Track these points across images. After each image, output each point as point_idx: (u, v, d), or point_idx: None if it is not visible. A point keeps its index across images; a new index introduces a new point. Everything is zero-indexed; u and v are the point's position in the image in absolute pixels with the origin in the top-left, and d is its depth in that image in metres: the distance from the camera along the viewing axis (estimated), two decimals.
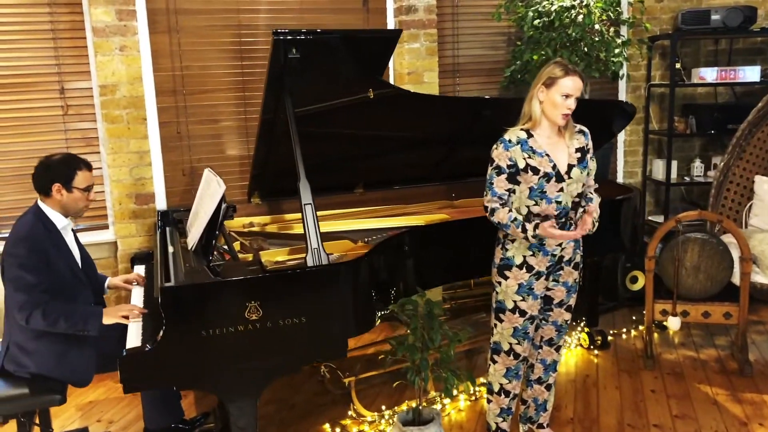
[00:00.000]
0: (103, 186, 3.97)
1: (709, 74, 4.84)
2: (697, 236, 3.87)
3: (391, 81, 4.48)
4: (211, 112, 4.15)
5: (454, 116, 3.62)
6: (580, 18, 4.17)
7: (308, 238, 2.64)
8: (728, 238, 3.99)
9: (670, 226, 3.82)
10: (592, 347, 4.16)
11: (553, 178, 2.68)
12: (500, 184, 2.70)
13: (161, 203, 4.07)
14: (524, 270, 2.78)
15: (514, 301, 2.82)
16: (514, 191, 2.72)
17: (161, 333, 2.39)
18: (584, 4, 4.17)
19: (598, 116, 3.97)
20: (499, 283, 2.84)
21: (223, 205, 2.82)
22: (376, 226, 3.62)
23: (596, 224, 2.75)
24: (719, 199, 4.53)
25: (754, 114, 4.39)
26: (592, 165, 2.84)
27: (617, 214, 3.75)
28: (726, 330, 4.31)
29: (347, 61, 3.00)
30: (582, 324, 4.26)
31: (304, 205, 2.70)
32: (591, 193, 2.86)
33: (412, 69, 4.41)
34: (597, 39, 4.27)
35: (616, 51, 4.30)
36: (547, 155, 2.69)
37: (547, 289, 2.88)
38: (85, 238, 3.88)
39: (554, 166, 2.69)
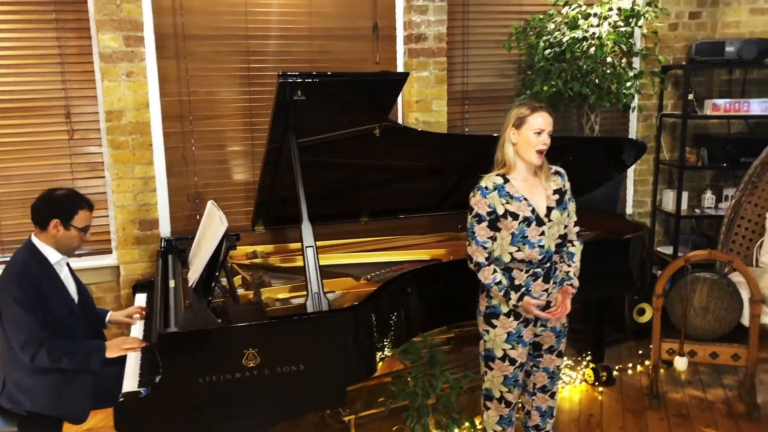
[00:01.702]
0: (107, 211, 3.95)
1: (722, 105, 4.77)
2: (706, 276, 3.81)
3: (399, 109, 4.44)
4: (218, 137, 4.12)
5: (462, 151, 3.57)
6: (591, 50, 4.11)
7: (309, 283, 2.61)
8: (738, 277, 3.92)
9: (679, 265, 3.76)
10: (597, 383, 4.11)
11: (534, 222, 2.67)
12: (482, 232, 2.68)
13: (165, 228, 4.04)
14: (512, 318, 2.75)
15: (504, 350, 2.78)
16: (495, 238, 2.69)
17: (157, 379, 2.37)
18: (596, 36, 4.12)
19: (609, 152, 3.94)
20: (487, 331, 2.81)
21: (225, 244, 2.78)
22: (379, 260, 3.59)
23: (576, 291, 2.78)
24: (729, 236, 4.46)
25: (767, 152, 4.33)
26: (572, 206, 2.83)
27: (626, 253, 3.69)
28: (734, 368, 4.24)
29: (353, 102, 2.97)
30: (587, 359, 4.21)
31: (306, 247, 2.67)
32: (572, 244, 2.83)
33: (421, 97, 4.37)
34: (609, 71, 4.21)
35: (628, 84, 4.25)
36: (525, 199, 2.68)
37: (536, 335, 2.84)
38: (87, 262, 3.90)
39: (533, 210, 2.67)
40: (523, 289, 2.69)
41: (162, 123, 3.96)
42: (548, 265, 2.72)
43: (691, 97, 4.78)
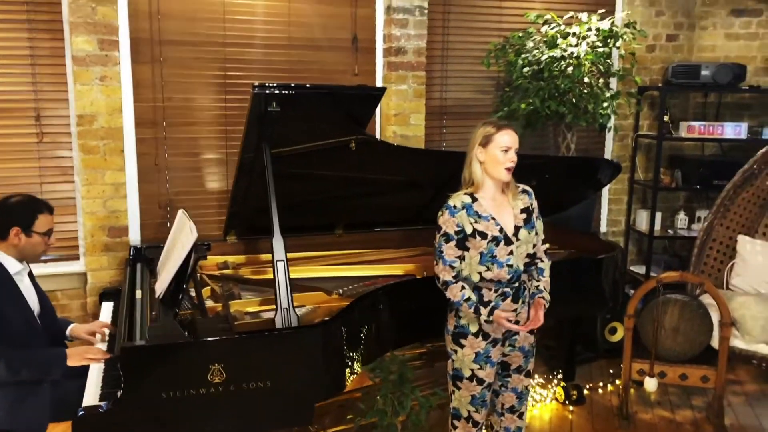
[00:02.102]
0: (75, 217, 3.86)
1: (697, 128, 4.83)
2: (677, 297, 3.82)
3: (377, 122, 4.42)
4: (192, 144, 4.05)
5: (438, 166, 3.55)
6: (569, 69, 4.13)
7: (278, 298, 2.56)
8: (708, 299, 3.95)
9: (651, 286, 3.77)
10: (567, 402, 4.10)
11: (502, 242, 2.66)
12: (450, 251, 2.67)
13: (135, 235, 3.97)
14: (480, 338, 2.74)
15: (472, 370, 2.76)
16: (463, 258, 2.67)
17: (119, 393, 2.30)
18: (574, 55, 4.14)
19: (585, 171, 3.95)
20: (455, 351, 2.79)
21: (194, 255, 2.73)
22: (352, 275, 3.55)
23: (548, 305, 2.77)
24: (701, 258, 4.50)
25: (740, 175, 4.37)
26: (539, 224, 2.83)
27: (599, 273, 3.69)
28: (703, 389, 4.26)
29: (330, 115, 2.94)
30: (558, 377, 4.20)
31: (276, 261, 2.63)
32: (541, 260, 2.83)
33: (399, 110, 4.35)
34: (586, 91, 4.23)
35: (605, 104, 4.27)
36: (493, 219, 2.68)
37: (504, 355, 2.83)
38: (53, 269, 3.82)
39: (501, 229, 2.67)
40: (493, 304, 2.67)
41: (135, 129, 3.89)
42: (517, 284, 2.71)
43: (666, 118, 4.83)
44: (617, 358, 4.48)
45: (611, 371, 4.53)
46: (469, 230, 2.66)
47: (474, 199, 2.69)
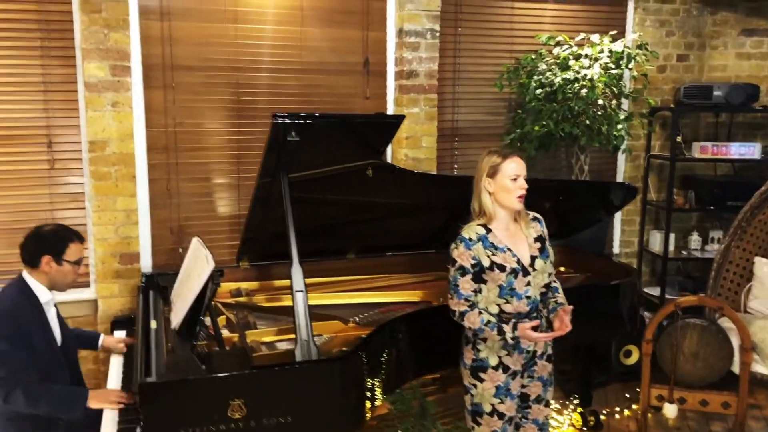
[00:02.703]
0: (86, 243, 3.82)
1: (710, 148, 4.80)
2: (696, 322, 3.78)
3: (389, 145, 4.38)
4: (204, 169, 4.03)
5: (455, 191, 3.52)
6: (583, 92, 4.11)
7: (298, 329, 2.52)
8: (727, 323, 3.90)
9: (669, 311, 3.72)
10: (584, 428, 4.03)
11: (520, 273, 2.61)
12: (466, 285, 2.61)
13: (146, 262, 3.93)
14: (500, 371, 2.67)
15: (492, 404, 2.69)
16: (480, 290, 2.62)
17: (138, 430, 2.25)
18: (588, 77, 4.12)
19: (600, 194, 3.92)
20: (474, 385, 2.72)
21: (210, 285, 2.68)
22: (366, 301, 3.50)
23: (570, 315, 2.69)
24: (718, 280, 4.45)
25: (757, 197, 4.33)
26: (551, 252, 2.78)
27: (618, 298, 3.65)
28: (723, 415, 4.19)
29: (347, 142, 2.92)
30: (575, 403, 4.14)
31: (296, 292, 2.59)
32: (554, 281, 2.80)
33: (411, 133, 4.32)
34: (600, 113, 4.21)
35: (619, 126, 4.25)
36: (509, 250, 2.62)
37: (523, 386, 2.77)
38: (64, 296, 3.70)
39: (518, 261, 2.62)
40: (514, 320, 2.60)
41: (147, 154, 3.86)
42: (535, 315, 2.66)
43: (679, 139, 4.80)
44: (632, 382, 4.41)
45: (627, 395, 4.47)
46: (486, 263, 2.59)
47: (488, 230, 2.64)
